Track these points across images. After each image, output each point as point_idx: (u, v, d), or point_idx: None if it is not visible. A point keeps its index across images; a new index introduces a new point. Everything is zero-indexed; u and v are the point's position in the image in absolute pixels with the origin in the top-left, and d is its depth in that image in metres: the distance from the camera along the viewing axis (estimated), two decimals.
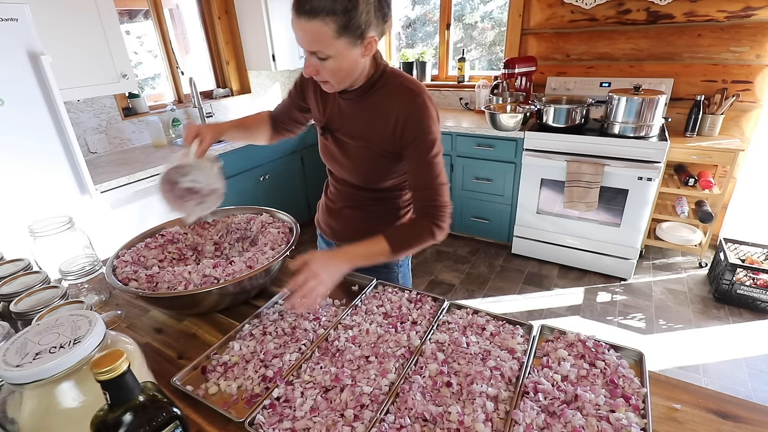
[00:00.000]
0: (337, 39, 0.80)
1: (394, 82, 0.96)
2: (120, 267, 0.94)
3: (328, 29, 0.79)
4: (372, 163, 1.02)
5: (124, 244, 1.05)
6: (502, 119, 2.55)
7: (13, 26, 1.54)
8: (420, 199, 0.98)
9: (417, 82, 0.97)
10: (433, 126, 0.94)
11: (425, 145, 0.94)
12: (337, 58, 0.84)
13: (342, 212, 1.15)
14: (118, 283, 0.88)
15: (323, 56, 0.83)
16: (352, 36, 0.81)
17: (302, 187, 3.26)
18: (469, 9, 3.28)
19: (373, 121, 0.97)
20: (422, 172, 0.96)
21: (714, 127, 2.50)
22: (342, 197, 1.14)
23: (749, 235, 2.51)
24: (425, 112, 0.93)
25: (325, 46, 0.81)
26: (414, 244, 0.96)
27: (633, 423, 0.61)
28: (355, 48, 0.84)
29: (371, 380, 0.71)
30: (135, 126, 2.67)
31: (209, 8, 3.04)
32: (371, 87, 0.96)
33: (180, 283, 0.87)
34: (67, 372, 0.50)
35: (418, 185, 0.98)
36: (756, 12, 2.31)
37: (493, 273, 2.75)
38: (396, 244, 0.94)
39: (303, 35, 0.81)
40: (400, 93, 0.94)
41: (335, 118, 1.03)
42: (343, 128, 1.03)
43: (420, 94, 0.93)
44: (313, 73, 0.88)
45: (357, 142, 1.01)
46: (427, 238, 0.96)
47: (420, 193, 0.98)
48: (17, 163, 1.64)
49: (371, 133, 0.98)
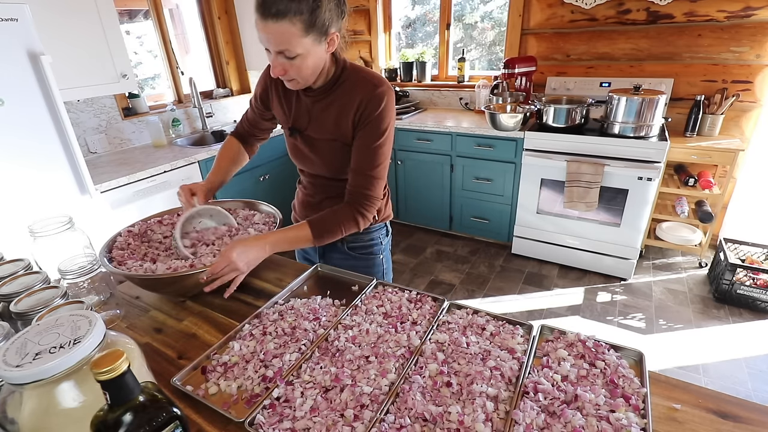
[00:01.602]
0: (304, 37, 0.85)
1: (357, 75, 1.01)
2: (124, 237, 1.07)
3: (295, 29, 0.83)
4: (342, 156, 1.06)
5: (142, 218, 1.17)
6: (502, 119, 2.55)
7: (13, 26, 1.54)
8: (353, 184, 1.03)
9: (379, 75, 1.02)
10: (387, 116, 0.99)
11: (375, 132, 0.99)
12: (304, 56, 0.88)
13: (322, 204, 1.17)
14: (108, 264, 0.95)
15: (291, 55, 0.87)
16: (317, 33, 0.87)
17: None
18: (469, 9, 3.28)
19: (338, 114, 1.01)
20: (364, 157, 1.01)
21: (714, 127, 2.50)
22: (319, 190, 1.17)
23: (749, 235, 2.51)
24: (383, 101, 0.98)
25: (293, 45, 0.85)
26: (336, 232, 1.02)
27: (633, 423, 0.61)
28: (320, 45, 0.89)
29: (371, 380, 0.71)
30: (135, 126, 2.67)
31: (209, 8, 3.04)
32: (335, 83, 1.00)
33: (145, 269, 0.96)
34: (67, 372, 0.49)
35: (356, 168, 1.02)
36: (756, 12, 2.31)
37: (493, 273, 2.75)
38: (318, 231, 1.00)
39: (270, 36, 0.84)
40: (363, 84, 0.99)
41: (301, 118, 1.07)
42: (310, 126, 1.06)
43: (380, 85, 0.98)
44: (280, 73, 0.91)
45: (325, 136, 1.05)
46: (350, 227, 1.03)
47: (355, 177, 1.03)
48: (17, 163, 1.64)
49: (338, 125, 1.02)
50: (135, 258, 1.01)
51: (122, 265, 0.96)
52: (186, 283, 0.92)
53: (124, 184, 2.08)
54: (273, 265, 1.15)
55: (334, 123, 1.02)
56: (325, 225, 1.01)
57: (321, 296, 0.97)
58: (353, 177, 1.03)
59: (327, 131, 1.04)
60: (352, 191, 1.04)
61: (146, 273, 0.91)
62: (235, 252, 0.89)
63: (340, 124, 1.02)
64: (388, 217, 1.24)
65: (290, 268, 1.14)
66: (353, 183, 1.03)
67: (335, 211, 1.03)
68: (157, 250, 1.06)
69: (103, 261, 0.94)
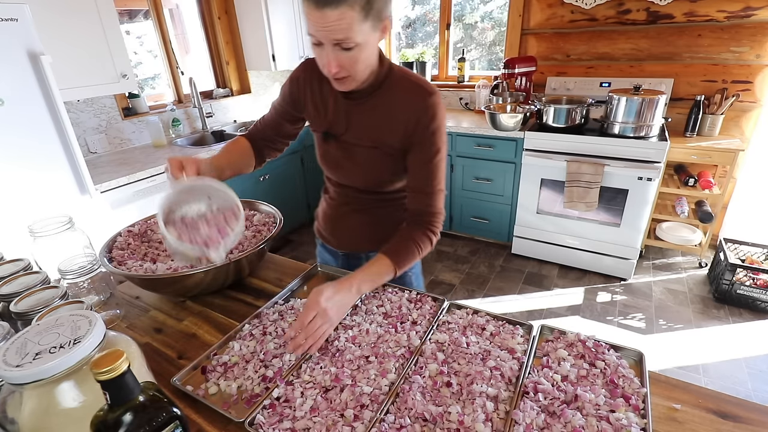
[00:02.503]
0: (364, 22, 0.77)
1: (405, 81, 0.93)
2: (124, 237, 1.06)
3: (354, 13, 0.75)
4: (381, 165, 0.99)
5: (143, 218, 1.15)
6: (502, 119, 2.55)
7: (13, 26, 1.54)
8: (416, 202, 0.97)
9: (428, 81, 0.94)
10: (442, 129, 0.93)
11: (432, 147, 0.92)
12: (362, 46, 0.80)
13: (347, 217, 1.11)
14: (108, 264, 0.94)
15: (349, 45, 0.78)
16: (375, 17, 0.78)
17: (302, 187, 3.26)
18: (469, 9, 3.28)
19: (384, 120, 0.93)
20: (423, 174, 0.94)
21: (714, 127, 2.50)
22: (346, 201, 1.10)
23: (749, 235, 2.51)
24: (438, 113, 0.91)
25: (353, 33, 0.77)
26: (416, 256, 0.95)
27: (633, 423, 0.61)
28: (376, 31, 0.81)
29: (371, 380, 0.71)
30: (135, 126, 2.67)
31: (209, 8, 3.04)
32: (380, 85, 0.93)
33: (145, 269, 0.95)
34: (67, 372, 0.49)
35: (415, 187, 0.96)
36: (756, 12, 2.31)
37: (493, 273, 2.75)
38: (400, 260, 0.92)
39: (329, 25, 0.75)
40: (415, 91, 0.91)
41: (339, 122, 0.98)
42: (349, 132, 0.98)
43: (434, 93, 0.91)
44: (335, 69, 0.82)
45: (365, 143, 0.97)
46: (426, 247, 0.96)
47: (417, 195, 0.96)
48: (17, 163, 1.64)
49: (382, 133, 0.94)
50: (135, 258, 1.01)
51: (122, 265, 0.96)
52: (186, 283, 0.92)
53: (124, 184, 2.08)
54: (273, 265, 1.15)
55: (378, 130, 0.94)
56: (403, 251, 0.93)
57: None
58: (415, 196, 0.97)
59: (368, 138, 0.96)
60: (416, 211, 0.97)
61: (146, 273, 0.91)
62: (323, 296, 0.79)
63: (385, 132, 0.94)
64: None
65: (290, 268, 1.13)
66: (416, 202, 0.97)
67: (406, 234, 0.96)
68: (157, 250, 1.06)
69: (103, 261, 0.94)
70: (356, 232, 1.12)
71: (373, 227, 1.09)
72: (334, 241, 1.17)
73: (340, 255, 1.18)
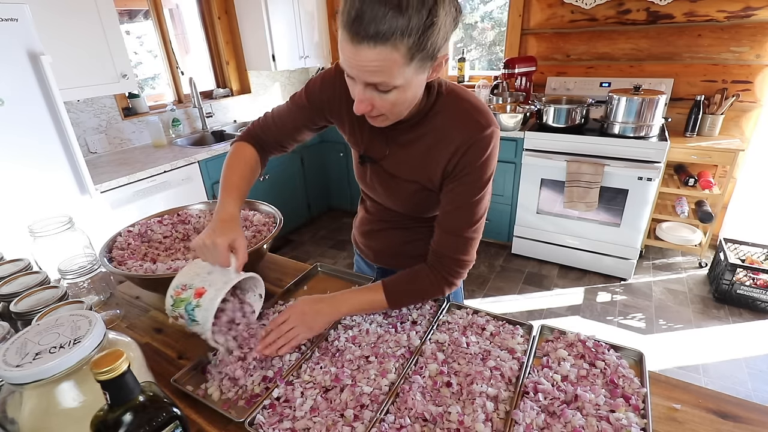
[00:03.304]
0: (407, 65, 0.62)
1: (457, 106, 0.78)
2: (124, 237, 1.06)
3: (397, 55, 0.60)
4: (419, 199, 0.88)
5: (143, 218, 1.15)
6: (502, 119, 2.55)
7: (13, 26, 1.54)
8: (443, 243, 0.82)
9: (487, 110, 0.78)
10: (491, 164, 0.78)
11: (475, 184, 0.78)
12: (403, 89, 0.66)
13: (384, 233, 1.03)
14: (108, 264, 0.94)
15: (386, 88, 0.65)
16: (424, 58, 0.63)
17: (302, 187, 3.26)
18: (469, 9, 3.28)
19: (427, 152, 0.80)
20: (459, 215, 0.80)
21: (714, 127, 2.50)
22: (384, 219, 1.01)
23: (749, 235, 2.51)
24: (489, 146, 0.76)
25: (391, 77, 0.63)
26: (416, 299, 0.87)
27: (633, 423, 0.61)
28: (424, 72, 0.67)
29: (371, 380, 0.71)
30: (135, 126, 2.67)
31: (209, 8, 3.04)
32: (427, 113, 0.79)
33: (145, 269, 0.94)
34: (67, 372, 0.50)
35: (447, 227, 0.82)
36: (756, 12, 2.31)
37: (493, 273, 2.75)
38: (395, 298, 0.83)
39: (364, 66, 0.62)
40: (465, 120, 0.76)
41: (377, 148, 0.86)
42: (388, 160, 0.86)
43: (488, 125, 0.76)
44: (366, 110, 0.69)
45: (405, 176, 0.85)
46: (434, 294, 0.86)
47: (446, 237, 0.82)
48: (17, 162, 1.64)
49: (424, 167, 0.82)
50: (135, 258, 1.01)
51: (122, 265, 0.96)
52: None
53: (124, 184, 2.08)
54: (273, 265, 1.15)
55: (420, 163, 0.82)
56: (403, 290, 0.84)
57: None
58: (443, 236, 0.82)
59: (408, 170, 0.84)
60: (440, 253, 0.83)
61: (146, 273, 0.91)
62: (301, 302, 0.78)
63: (427, 165, 0.81)
64: None
65: (290, 268, 1.14)
66: (442, 243, 0.82)
67: (417, 274, 0.84)
68: (157, 250, 1.06)
69: (103, 261, 0.94)
70: (394, 249, 1.04)
71: (411, 245, 1.00)
72: (370, 255, 1.10)
73: (376, 268, 1.12)
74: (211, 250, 0.72)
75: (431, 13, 0.59)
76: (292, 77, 3.76)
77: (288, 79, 3.73)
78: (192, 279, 0.71)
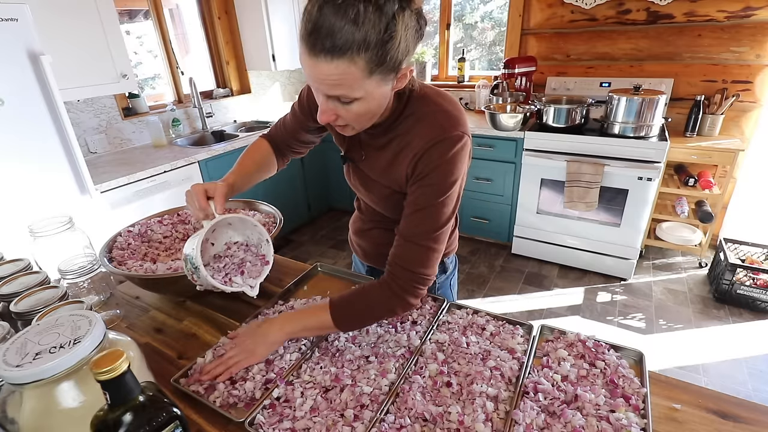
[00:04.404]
0: (368, 78, 0.62)
1: (426, 110, 0.76)
2: (124, 237, 1.06)
3: (356, 69, 0.60)
4: (394, 202, 0.86)
5: (143, 218, 1.15)
6: (502, 119, 2.55)
7: (13, 26, 1.54)
8: (398, 255, 0.77)
9: (456, 115, 0.76)
10: (454, 169, 0.74)
11: (436, 189, 0.74)
12: (365, 100, 0.66)
13: (371, 232, 1.05)
14: (108, 264, 0.94)
15: (347, 100, 0.66)
16: (385, 71, 0.63)
17: (302, 187, 3.26)
18: (469, 9, 3.28)
19: (394, 157, 0.80)
20: (419, 220, 0.75)
21: (714, 127, 2.50)
22: (371, 217, 1.03)
23: (749, 235, 2.51)
24: (452, 148, 0.73)
25: (351, 90, 0.63)
26: (366, 319, 0.81)
27: (633, 423, 0.61)
28: (386, 84, 0.67)
29: (371, 380, 0.71)
30: (135, 126, 2.67)
31: (209, 8, 3.04)
32: (396, 119, 0.79)
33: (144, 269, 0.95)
34: (67, 372, 0.50)
35: (406, 234, 0.77)
36: (756, 12, 2.31)
37: (493, 273, 2.75)
38: (342, 319, 0.77)
39: (322, 78, 0.62)
40: (430, 125, 0.75)
41: (354, 150, 0.89)
42: (364, 163, 0.88)
43: (452, 128, 0.74)
44: (330, 120, 0.70)
45: (378, 179, 0.86)
46: (384, 315, 0.80)
47: (402, 245, 0.77)
48: (17, 162, 1.64)
49: (390, 171, 0.82)
50: (135, 258, 1.01)
51: (122, 265, 0.96)
52: (186, 283, 0.91)
53: (124, 184, 2.08)
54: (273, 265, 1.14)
55: (389, 167, 0.82)
56: (350, 311, 0.78)
57: (321, 296, 0.97)
58: (400, 246, 0.77)
59: (380, 174, 0.85)
60: (395, 265, 0.77)
61: (146, 273, 0.91)
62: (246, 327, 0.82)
63: (394, 169, 0.80)
64: (454, 249, 1.07)
65: (290, 268, 1.14)
66: (399, 254, 0.77)
67: (367, 291, 0.79)
68: (157, 250, 1.07)
69: (103, 261, 0.94)
70: (380, 249, 1.00)
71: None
72: (361, 253, 1.12)
73: (365, 267, 1.14)
74: (189, 195, 0.79)
75: (389, 27, 0.59)
76: (292, 77, 3.76)
77: (288, 79, 3.73)
78: (191, 240, 0.79)
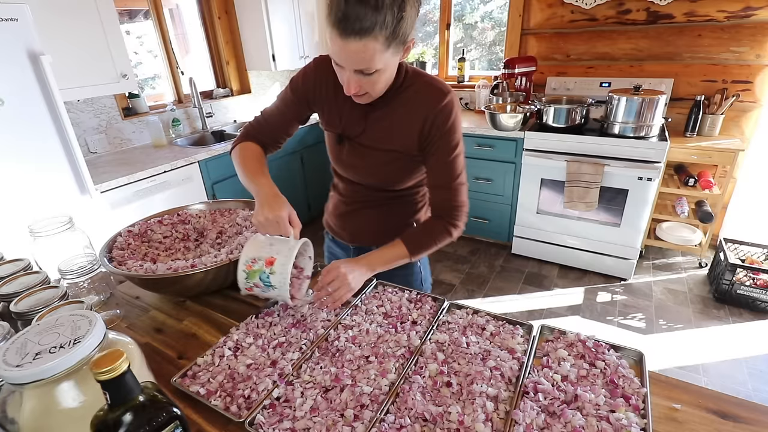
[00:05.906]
0: (386, 51, 0.78)
1: (419, 81, 0.94)
2: (124, 237, 1.06)
3: (378, 44, 0.76)
4: (397, 167, 1.00)
5: (143, 218, 1.15)
6: (502, 119, 2.55)
7: (13, 26, 1.54)
8: (437, 198, 0.99)
9: (442, 81, 0.95)
10: (458, 125, 0.94)
11: (449, 144, 0.94)
12: (383, 71, 0.82)
13: (358, 213, 1.12)
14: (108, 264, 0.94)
15: (370, 71, 0.80)
16: (398, 44, 0.80)
17: (302, 187, 3.26)
18: (469, 9, 3.28)
19: (401, 122, 0.95)
20: (443, 171, 0.96)
21: (714, 127, 2.50)
22: (358, 198, 1.11)
23: (749, 235, 2.51)
24: (454, 110, 0.93)
25: (374, 62, 0.78)
26: (431, 246, 0.99)
27: (633, 423, 0.61)
28: (398, 55, 0.83)
29: (371, 380, 0.71)
30: (135, 126, 2.67)
31: (209, 8, 3.04)
32: (398, 89, 0.93)
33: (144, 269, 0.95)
34: (67, 372, 0.49)
35: (436, 184, 0.98)
36: (756, 12, 2.31)
37: (493, 273, 2.75)
38: (414, 247, 0.97)
39: (352, 56, 0.77)
40: (428, 92, 0.93)
41: (355, 125, 0.99)
42: (365, 134, 0.98)
43: (447, 92, 0.93)
44: (355, 90, 0.85)
45: (382, 146, 0.98)
46: (444, 239, 0.99)
47: (438, 191, 0.99)
48: (17, 163, 1.64)
49: (399, 135, 0.96)
50: (135, 258, 1.01)
51: (122, 265, 0.96)
52: (186, 283, 0.92)
53: (124, 184, 2.08)
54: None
55: (394, 132, 0.96)
56: (420, 241, 0.98)
57: None
58: (436, 192, 0.99)
59: (385, 141, 0.97)
60: (439, 205, 1.00)
61: (146, 273, 0.91)
62: (342, 264, 0.88)
63: (401, 134, 0.95)
64: None
65: None
66: (438, 198, 0.99)
67: (427, 225, 1.00)
68: (157, 251, 1.07)
69: (103, 261, 0.94)
70: (368, 227, 1.14)
71: (384, 222, 1.11)
72: (346, 236, 1.18)
73: (352, 249, 1.20)
74: (273, 223, 0.85)
75: (401, 8, 0.75)
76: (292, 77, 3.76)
77: (288, 79, 3.71)
78: (259, 252, 0.82)
